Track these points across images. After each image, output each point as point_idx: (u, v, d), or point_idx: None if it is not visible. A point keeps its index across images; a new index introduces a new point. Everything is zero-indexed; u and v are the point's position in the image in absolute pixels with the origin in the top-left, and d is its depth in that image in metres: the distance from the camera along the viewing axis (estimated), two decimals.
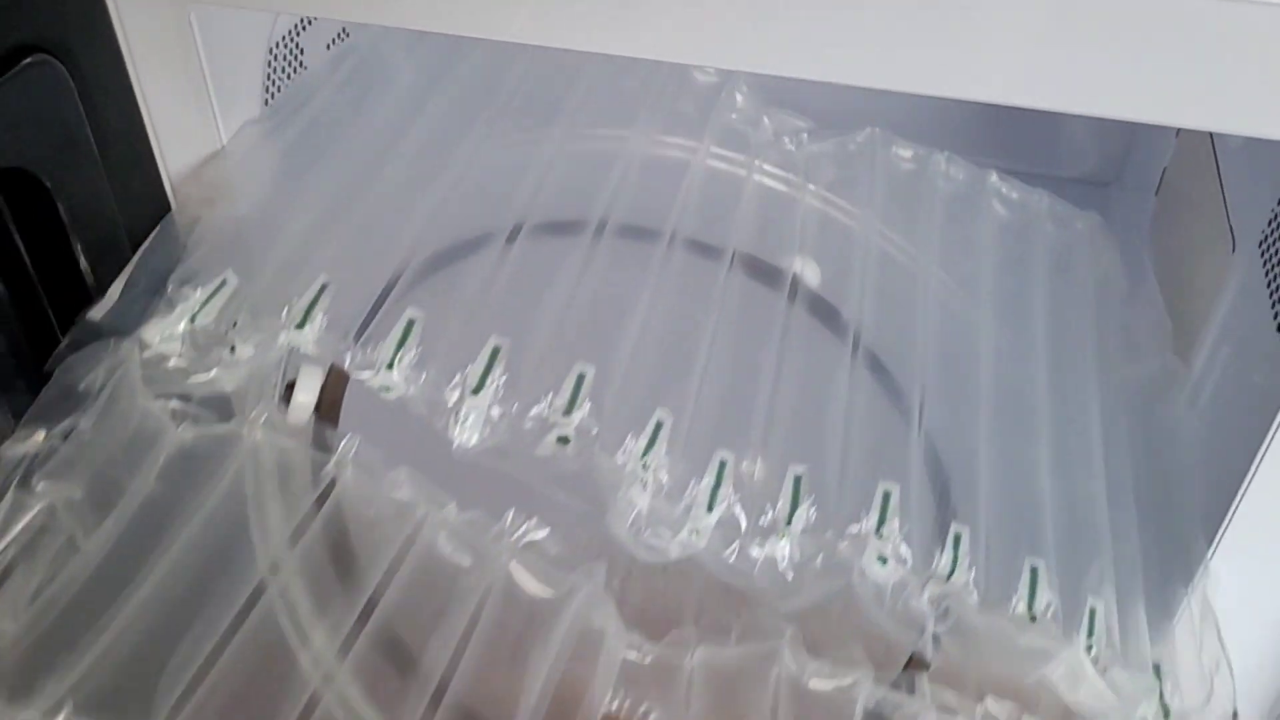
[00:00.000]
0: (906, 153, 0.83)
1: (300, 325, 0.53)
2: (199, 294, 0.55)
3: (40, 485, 0.47)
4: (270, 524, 0.50)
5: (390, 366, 0.53)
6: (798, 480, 0.56)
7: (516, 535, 0.52)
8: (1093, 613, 0.56)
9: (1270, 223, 0.67)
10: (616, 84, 0.80)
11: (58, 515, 0.47)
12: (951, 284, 0.76)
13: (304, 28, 0.70)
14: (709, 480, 0.55)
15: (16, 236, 0.52)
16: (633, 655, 0.52)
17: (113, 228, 0.56)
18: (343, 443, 0.52)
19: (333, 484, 0.51)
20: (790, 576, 0.54)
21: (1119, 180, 1.06)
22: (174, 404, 0.53)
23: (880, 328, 0.69)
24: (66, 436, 0.48)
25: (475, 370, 0.54)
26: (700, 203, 0.73)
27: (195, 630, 0.47)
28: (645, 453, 0.54)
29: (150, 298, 0.54)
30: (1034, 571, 0.57)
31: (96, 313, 0.53)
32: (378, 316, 0.55)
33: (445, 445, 0.53)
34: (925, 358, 0.67)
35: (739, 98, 0.82)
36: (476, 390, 0.53)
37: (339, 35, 0.75)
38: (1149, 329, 0.77)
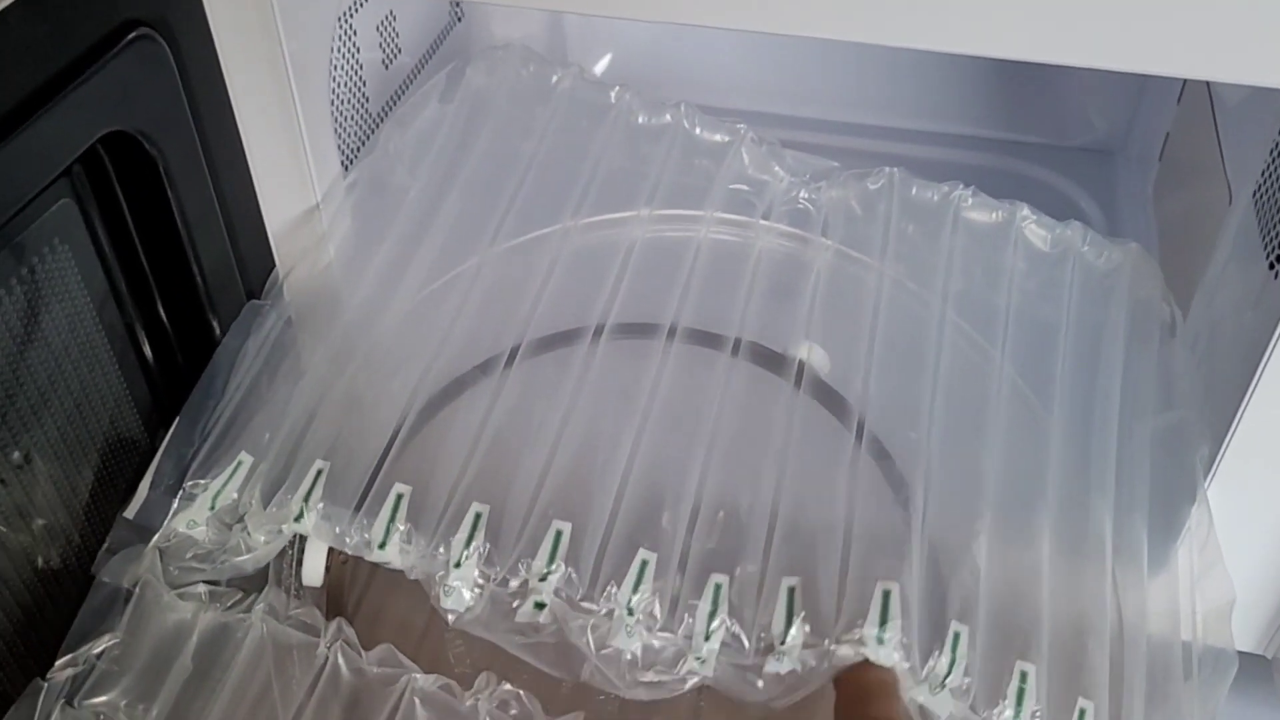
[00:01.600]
0: (929, 192, 0.81)
1: (298, 519, 0.59)
2: (216, 482, 0.61)
3: (85, 703, 0.54)
4: (282, 697, 0.56)
5: (383, 546, 0.58)
6: (791, 592, 0.58)
7: (490, 695, 0.56)
8: (1082, 714, 0.57)
9: (1264, 173, 0.72)
10: (621, 162, 0.81)
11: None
12: (968, 328, 0.75)
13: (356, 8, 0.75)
14: (705, 606, 0.58)
15: (121, 198, 0.60)
16: None
17: (206, 191, 0.63)
18: (331, 627, 0.58)
19: (326, 661, 0.57)
20: (797, 685, 0.57)
21: (1123, 149, 1.04)
22: (200, 589, 0.59)
23: (886, 398, 0.70)
24: (101, 654, 0.55)
25: (458, 542, 0.58)
26: (703, 285, 0.74)
27: None
28: (631, 595, 0.57)
29: (174, 494, 0.60)
30: (1024, 677, 0.58)
31: (130, 512, 0.60)
32: (374, 486, 0.60)
33: None
34: (933, 428, 0.67)
35: (745, 156, 0.82)
36: (458, 564, 0.57)
37: (387, 16, 0.80)
38: (1182, 373, 0.74)
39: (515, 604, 0.57)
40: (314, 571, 0.61)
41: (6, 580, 0.56)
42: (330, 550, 0.61)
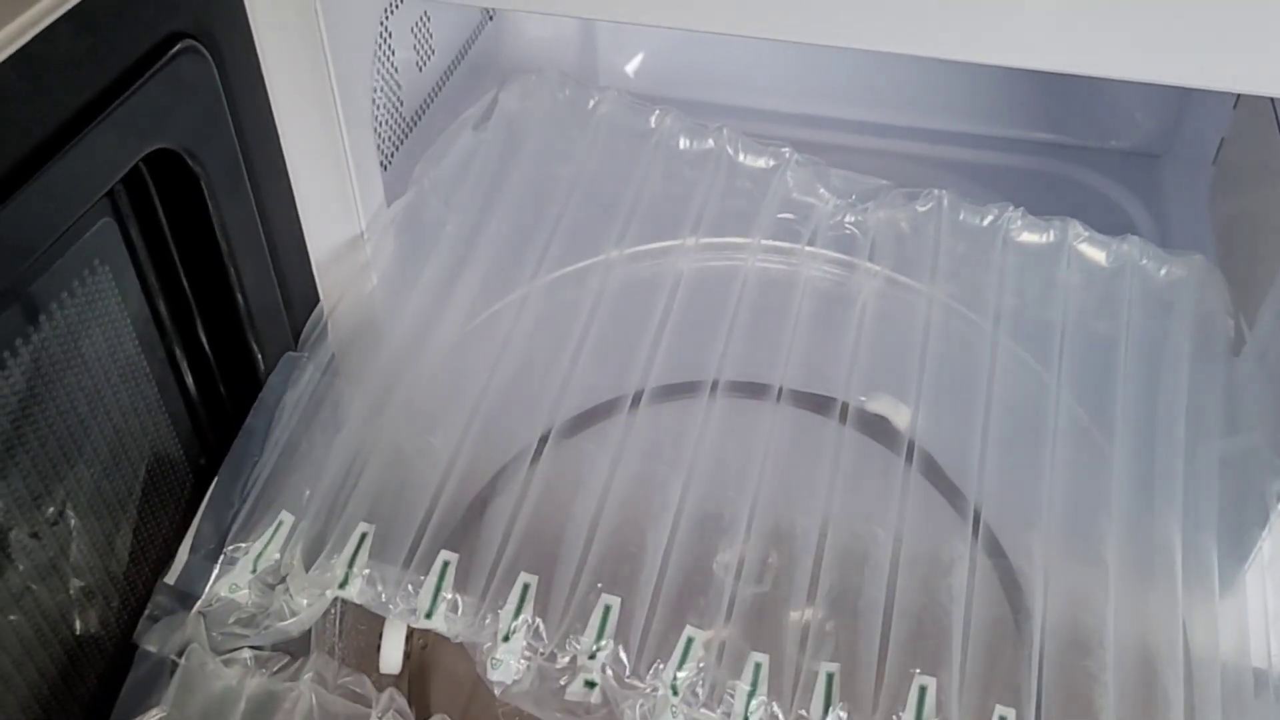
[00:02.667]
0: (977, 218, 0.78)
1: (343, 585, 0.57)
2: (258, 545, 0.60)
3: None
4: None
5: (429, 615, 0.57)
6: (830, 678, 0.57)
7: None
8: None
9: None
10: (663, 189, 0.78)
11: None
12: (1022, 353, 0.73)
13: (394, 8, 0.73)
14: (745, 686, 0.57)
15: (163, 217, 0.59)
16: None
17: (248, 209, 0.62)
18: (382, 698, 0.57)
19: None
20: None
21: (1171, 152, 1.00)
22: (245, 654, 0.58)
23: (938, 430, 0.68)
24: None
25: (506, 614, 0.57)
26: (749, 328, 0.72)
27: None
28: (676, 674, 0.56)
29: (215, 559, 0.59)
30: None
31: (170, 577, 0.59)
32: (420, 551, 0.59)
33: None
34: (985, 459, 0.66)
35: (790, 179, 0.79)
36: (506, 637, 0.56)
37: (422, 17, 0.78)
38: (1249, 391, 0.72)
39: (563, 680, 0.56)
40: (392, 659, 0.60)
41: (40, 637, 0.55)
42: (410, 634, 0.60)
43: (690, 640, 0.57)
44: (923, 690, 0.57)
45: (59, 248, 0.51)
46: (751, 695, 0.57)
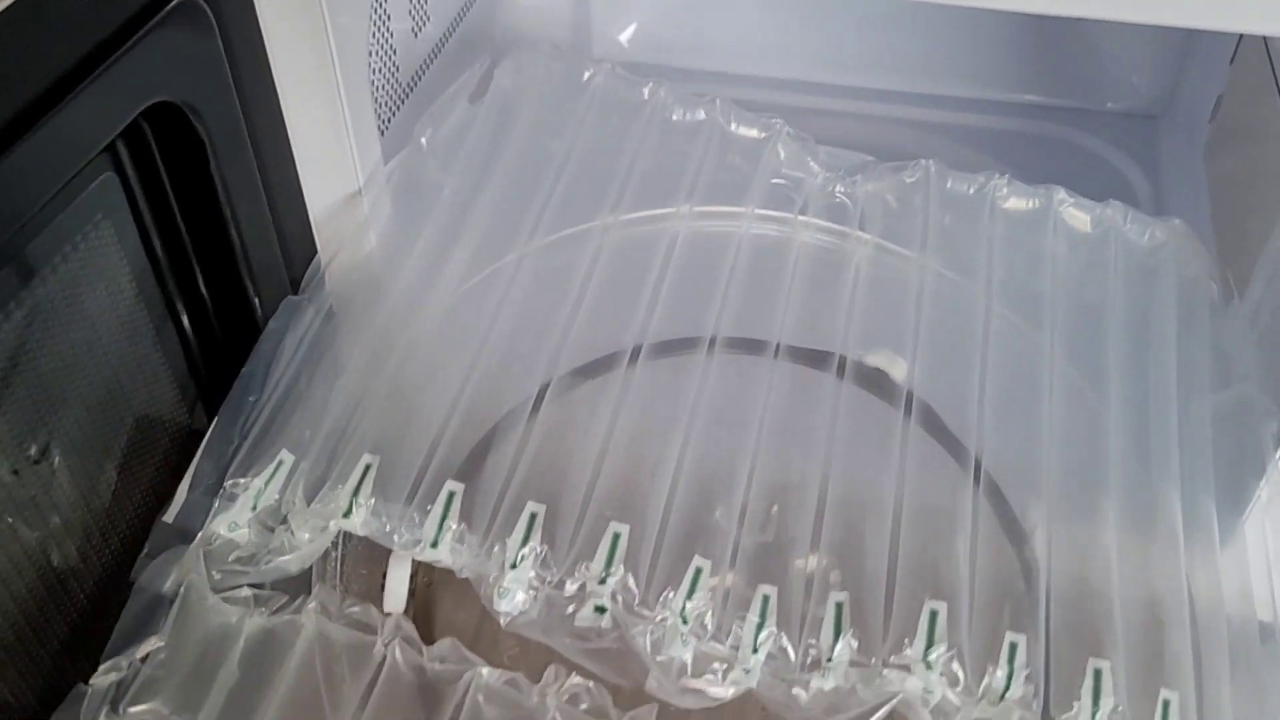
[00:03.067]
0: (964, 185, 0.80)
1: (346, 515, 0.57)
2: (257, 481, 0.59)
3: (130, 710, 0.52)
4: (336, 702, 0.54)
5: (435, 545, 0.56)
6: (839, 608, 0.57)
7: (558, 689, 0.54)
8: (1165, 705, 0.55)
9: None
10: (657, 160, 0.79)
11: None
12: (1014, 318, 0.74)
13: None
14: (753, 618, 0.56)
15: (163, 171, 0.58)
16: None
17: (248, 163, 0.62)
18: (388, 623, 0.55)
19: (384, 660, 0.55)
20: (841, 705, 0.55)
21: (1167, 113, 1.01)
22: (245, 592, 0.57)
23: (936, 385, 0.69)
24: (145, 659, 0.53)
25: (513, 542, 0.56)
26: (744, 287, 0.73)
27: None
28: (685, 603, 0.56)
29: (214, 495, 0.58)
30: (1098, 674, 0.56)
31: (169, 516, 0.58)
32: (425, 483, 0.58)
33: None
34: (984, 413, 0.66)
35: (782, 152, 0.80)
36: (514, 565, 0.55)
37: None
38: (1237, 347, 0.73)
39: (571, 609, 0.55)
40: (397, 595, 0.59)
41: (24, 579, 0.53)
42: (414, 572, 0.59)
43: (699, 570, 0.57)
44: (933, 615, 0.57)
45: (63, 199, 0.51)
46: (760, 627, 0.56)
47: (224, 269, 0.64)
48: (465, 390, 0.64)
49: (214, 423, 0.61)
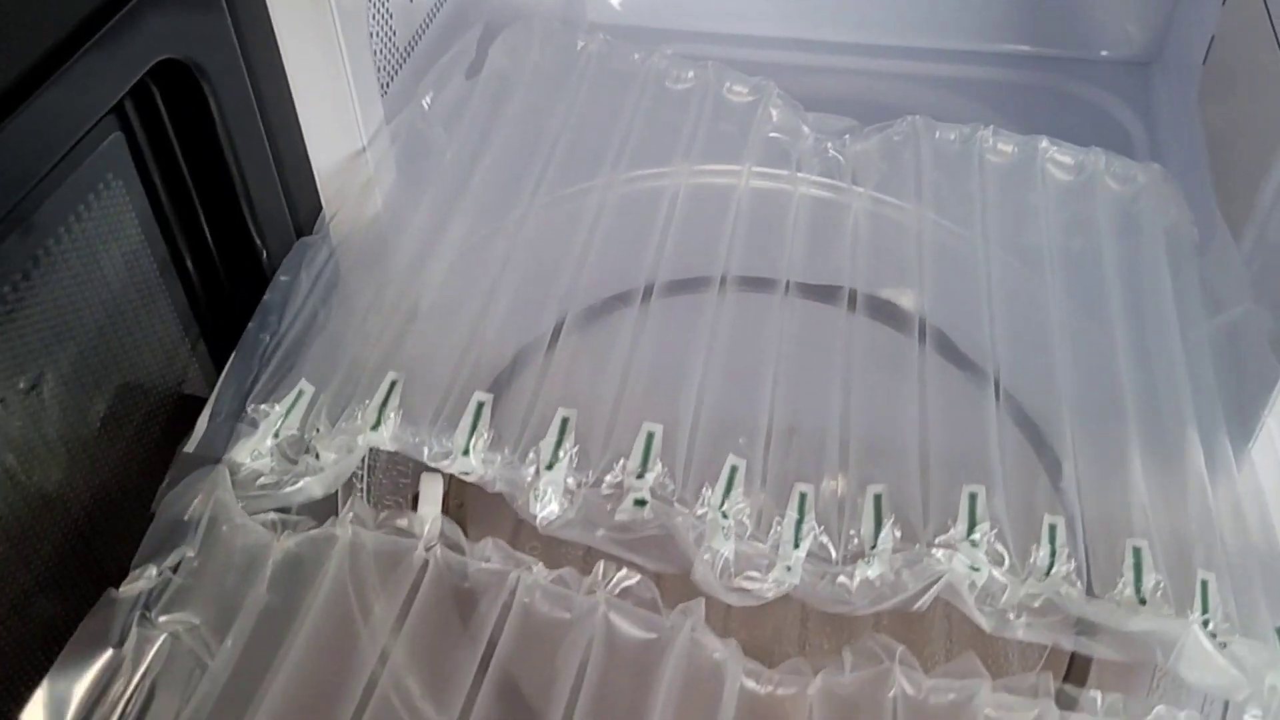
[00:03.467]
0: (951, 135, 0.82)
1: (375, 427, 0.56)
2: (279, 409, 0.58)
3: (160, 619, 0.50)
4: (375, 614, 0.52)
5: (466, 453, 0.55)
6: (878, 499, 0.57)
7: (609, 585, 0.53)
8: (1204, 585, 0.55)
9: None
10: (653, 123, 0.81)
11: (181, 641, 0.50)
12: (1014, 263, 0.75)
13: None
14: (792, 515, 0.56)
15: (170, 129, 0.58)
16: (752, 685, 0.53)
17: (253, 120, 0.62)
18: (427, 526, 0.54)
19: (425, 566, 0.53)
20: (888, 594, 0.55)
21: (1160, 59, 1.02)
22: (272, 516, 0.56)
23: (946, 315, 0.69)
24: (175, 569, 0.51)
25: (547, 445, 0.55)
26: (748, 234, 0.73)
27: None
28: (723, 500, 0.55)
29: (235, 421, 0.57)
30: (1137, 552, 0.56)
31: (190, 446, 0.57)
32: (449, 404, 0.58)
33: None
34: (996, 341, 0.67)
35: (774, 113, 0.82)
36: (550, 465, 0.54)
37: None
38: (1227, 277, 0.74)
39: (610, 506, 0.54)
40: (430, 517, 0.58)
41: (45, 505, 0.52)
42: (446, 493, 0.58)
43: (734, 468, 0.56)
44: (973, 496, 0.56)
45: (75, 158, 0.51)
46: (800, 523, 0.55)
47: (231, 223, 0.63)
48: (483, 324, 0.64)
49: (233, 356, 0.60)
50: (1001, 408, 0.64)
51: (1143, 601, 0.54)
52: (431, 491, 0.57)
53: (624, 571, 0.53)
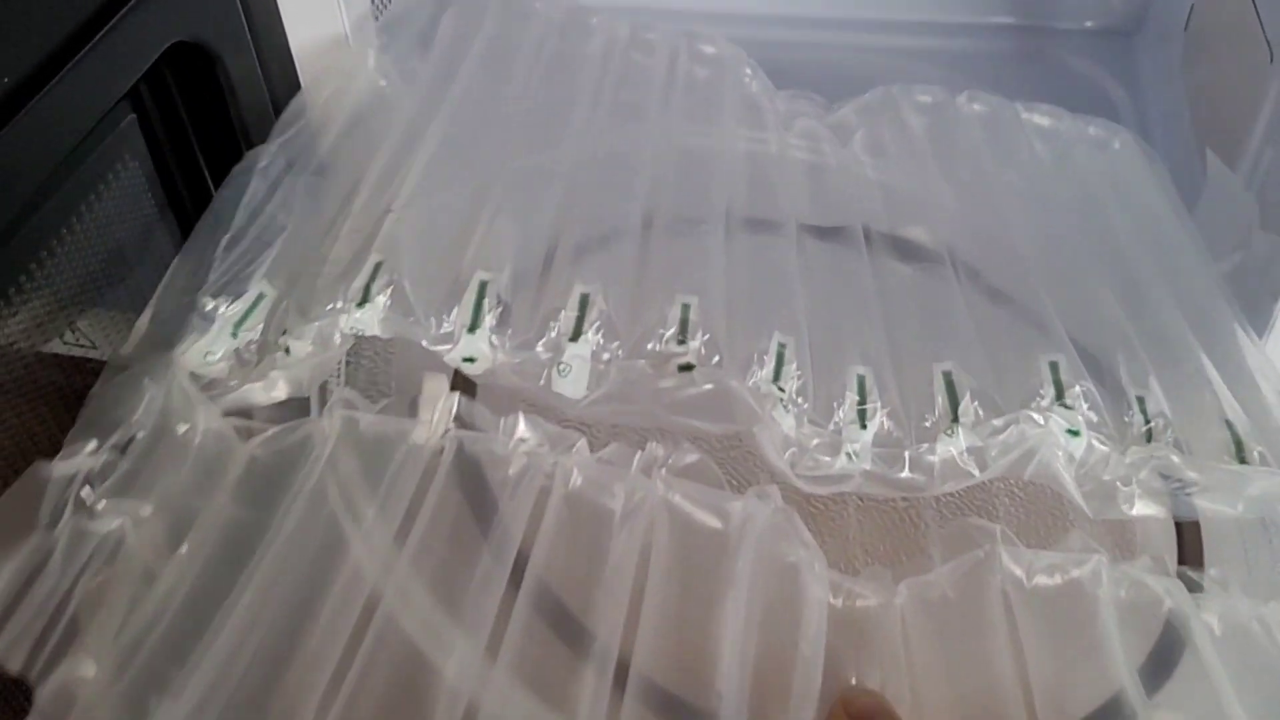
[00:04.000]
0: (926, 98, 0.79)
1: (361, 304, 0.46)
2: (238, 306, 0.48)
3: (102, 505, 0.38)
4: (373, 516, 0.42)
5: (472, 330, 0.46)
6: (947, 375, 0.50)
7: (666, 464, 0.44)
8: None
9: None
10: (621, 87, 0.75)
11: (127, 540, 0.39)
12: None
13: None
14: (853, 396, 0.48)
15: (182, 110, 0.57)
16: (831, 600, 0.44)
17: (260, 93, 0.61)
18: (439, 405, 0.44)
19: (439, 451, 0.43)
20: (975, 470, 0.47)
21: (1142, 28, 1.01)
22: (235, 422, 0.45)
23: (970, 257, 0.64)
24: (124, 450, 0.40)
25: (569, 317, 0.47)
26: (744, 186, 0.67)
27: (307, 656, 0.39)
28: (776, 377, 0.47)
29: (180, 325, 0.47)
30: (1230, 425, 0.50)
31: (127, 347, 0.46)
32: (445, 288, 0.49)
33: None
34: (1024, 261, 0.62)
35: (749, 82, 0.78)
36: (574, 337, 0.46)
37: None
38: (1227, 219, 0.72)
39: (653, 373, 0.46)
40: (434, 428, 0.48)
41: None
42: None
43: (782, 346, 0.49)
44: (1054, 364, 0.50)
45: (92, 141, 0.49)
46: (861, 405, 0.48)
47: None
48: (471, 244, 0.55)
49: (173, 264, 0.50)
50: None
51: (1244, 462, 0.48)
52: (434, 391, 0.47)
53: (684, 446, 0.44)
